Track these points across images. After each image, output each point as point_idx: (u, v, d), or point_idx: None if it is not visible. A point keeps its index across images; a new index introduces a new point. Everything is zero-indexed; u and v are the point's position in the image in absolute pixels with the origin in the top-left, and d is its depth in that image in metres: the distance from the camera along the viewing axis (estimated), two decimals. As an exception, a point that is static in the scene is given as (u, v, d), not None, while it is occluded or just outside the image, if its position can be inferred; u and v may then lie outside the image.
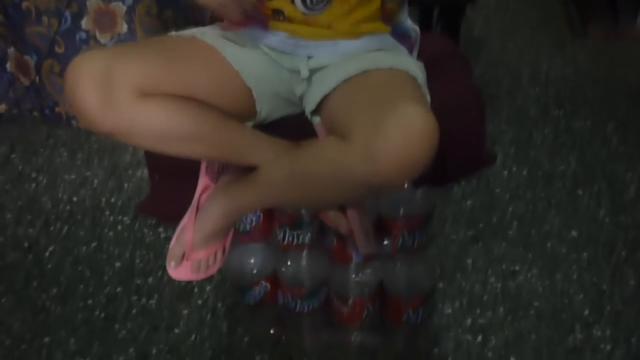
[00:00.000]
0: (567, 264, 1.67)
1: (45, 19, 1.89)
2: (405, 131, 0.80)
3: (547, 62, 2.46)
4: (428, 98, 1.02)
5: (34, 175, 2.13)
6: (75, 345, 1.57)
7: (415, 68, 1.03)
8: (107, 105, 0.88)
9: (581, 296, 1.59)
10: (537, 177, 1.94)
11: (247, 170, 1.06)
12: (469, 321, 1.55)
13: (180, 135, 0.95)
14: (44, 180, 2.10)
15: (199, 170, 1.16)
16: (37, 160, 2.20)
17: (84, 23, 1.87)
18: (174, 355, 1.53)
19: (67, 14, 1.85)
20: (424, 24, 2.26)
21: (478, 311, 1.57)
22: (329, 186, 0.92)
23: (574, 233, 1.75)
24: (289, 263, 1.29)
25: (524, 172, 1.96)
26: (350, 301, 1.32)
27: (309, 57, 1.07)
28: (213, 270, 1.16)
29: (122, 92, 0.89)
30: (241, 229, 1.25)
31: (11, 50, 2.03)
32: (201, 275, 1.15)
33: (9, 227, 1.94)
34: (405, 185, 1.11)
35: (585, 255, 1.69)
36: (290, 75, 1.10)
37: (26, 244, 1.87)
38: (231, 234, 1.16)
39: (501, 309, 1.57)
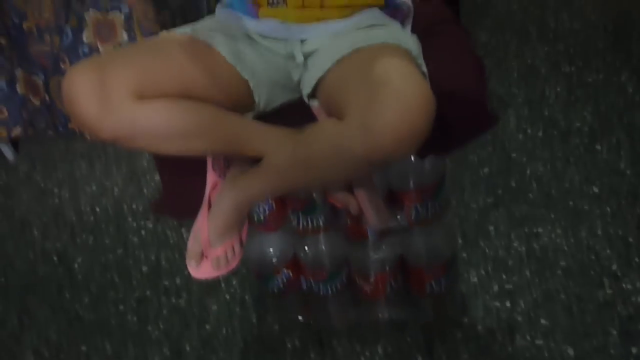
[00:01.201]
0: (591, 220, 1.64)
1: (47, 37, 1.92)
2: (400, 103, 0.80)
3: (554, 18, 2.41)
4: (424, 69, 1.02)
5: (56, 190, 2.18)
6: (111, 350, 1.61)
7: (408, 40, 1.03)
8: (105, 110, 0.90)
9: (608, 251, 1.57)
10: (553, 136, 1.92)
11: (253, 162, 1.07)
12: (495, 287, 1.54)
13: (182, 133, 0.97)
14: (67, 194, 2.15)
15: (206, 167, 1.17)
16: (57, 175, 2.24)
17: (85, 36, 1.89)
18: (208, 350, 1.56)
19: (68, 29, 1.88)
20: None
21: (504, 276, 1.56)
22: (332, 166, 0.92)
23: (595, 188, 1.73)
24: (306, 248, 1.30)
25: (539, 133, 1.94)
26: (372, 278, 1.33)
27: (302, 41, 1.07)
28: (233, 264, 1.17)
29: (118, 96, 0.90)
30: (256, 219, 1.26)
31: (19, 71, 2.06)
32: (222, 271, 1.16)
33: (37, 242, 1.99)
34: (410, 157, 1.11)
35: (608, 209, 1.66)
36: (285, 61, 1.10)
37: (55, 257, 1.92)
38: (246, 226, 1.17)
39: (527, 272, 1.56)
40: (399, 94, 0.80)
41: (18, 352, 1.66)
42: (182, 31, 1.05)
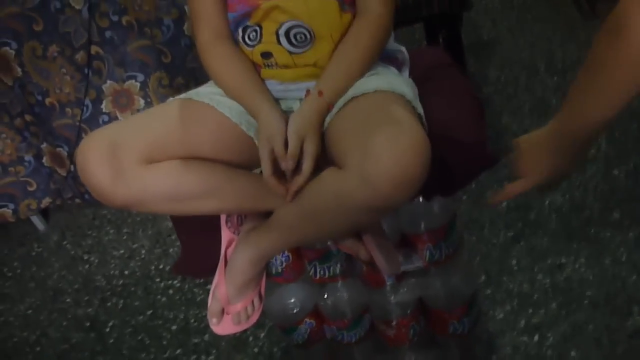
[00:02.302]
0: (614, 247, 1.63)
1: (69, 110, 2.01)
2: (394, 149, 0.83)
3: (560, 50, 2.43)
4: (420, 111, 1.04)
5: (85, 257, 2.24)
6: (145, 413, 1.63)
7: (402, 85, 1.06)
8: (116, 177, 0.94)
9: (634, 277, 1.54)
10: (569, 166, 1.91)
11: (265, 217, 1.10)
12: (522, 322, 1.53)
13: (191, 194, 1.00)
14: (96, 260, 2.20)
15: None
16: (87, 242, 2.30)
17: (104, 106, 1.98)
18: (239, 407, 1.56)
19: (88, 101, 1.97)
20: (430, 37, 2.29)
21: (530, 311, 1.55)
22: (337, 216, 0.94)
23: (616, 214, 1.71)
24: (326, 296, 1.32)
25: (555, 163, 1.94)
26: (394, 323, 1.33)
27: (300, 100, 1.11)
28: (254, 318, 1.19)
29: (129, 163, 0.95)
30: (273, 272, 1.28)
31: (44, 145, 2.16)
32: (244, 326, 1.18)
33: (69, 310, 2.03)
34: (419, 200, 1.13)
35: (631, 235, 1.64)
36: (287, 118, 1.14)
37: (87, 323, 1.95)
38: (264, 279, 1.19)
39: (553, 305, 1.54)
40: (392, 140, 0.83)
41: (55, 421, 1.69)
42: (187, 96, 1.10)
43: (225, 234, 1.17)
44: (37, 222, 2.41)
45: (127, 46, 1.88)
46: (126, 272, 2.09)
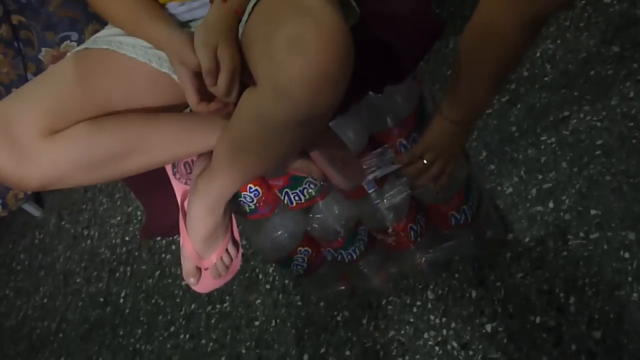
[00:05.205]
0: (619, 83, 1.46)
1: (14, 90, 1.88)
2: (300, 48, 0.68)
3: None
4: None
5: (85, 232, 2.17)
6: (174, 374, 1.59)
7: None
8: (20, 159, 0.83)
9: (646, 111, 1.39)
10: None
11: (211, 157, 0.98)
12: (533, 191, 1.40)
13: (110, 155, 0.88)
14: (96, 233, 2.14)
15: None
16: (84, 216, 2.23)
17: (48, 76, 1.84)
18: (263, 347, 1.51)
19: (30, 76, 1.83)
20: None
21: (540, 177, 1.42)
22: (268, 138, 0.81)
23: (615, 47, 1.53)
24: (311, 221, 1.21)
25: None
26: (390, 230, 1.22)
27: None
28: (236, 266, 1.09)
29: (28, 140, 0.83)
30: (248, 210, 1.17)
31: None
32: (227, 277, 1.09)
33: (82, 289, 1.99)
34: (377, 95, 0.98)
35: (635, 66, 1.47)
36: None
37: (101, 299, 1.91)
38: (234, 224, 1.09)
39: (563, 164, 1.41)
40: (296, 37, 0.68)
41: (91, 402, 1.67)
42: (83, 47, 0.95)
43: (177, 186, 1.06)
44: (32, 209, 2.35)
45: (48, 6, 1.71)
46: (127, 238, 2.03)
